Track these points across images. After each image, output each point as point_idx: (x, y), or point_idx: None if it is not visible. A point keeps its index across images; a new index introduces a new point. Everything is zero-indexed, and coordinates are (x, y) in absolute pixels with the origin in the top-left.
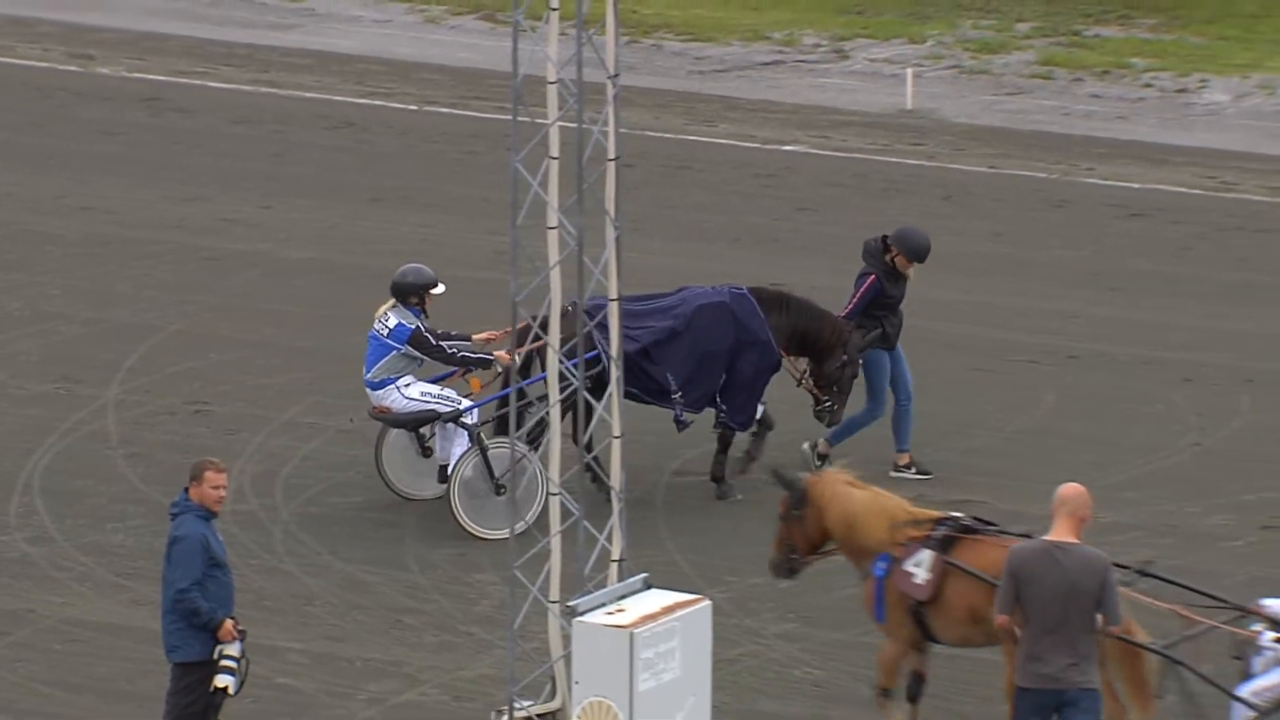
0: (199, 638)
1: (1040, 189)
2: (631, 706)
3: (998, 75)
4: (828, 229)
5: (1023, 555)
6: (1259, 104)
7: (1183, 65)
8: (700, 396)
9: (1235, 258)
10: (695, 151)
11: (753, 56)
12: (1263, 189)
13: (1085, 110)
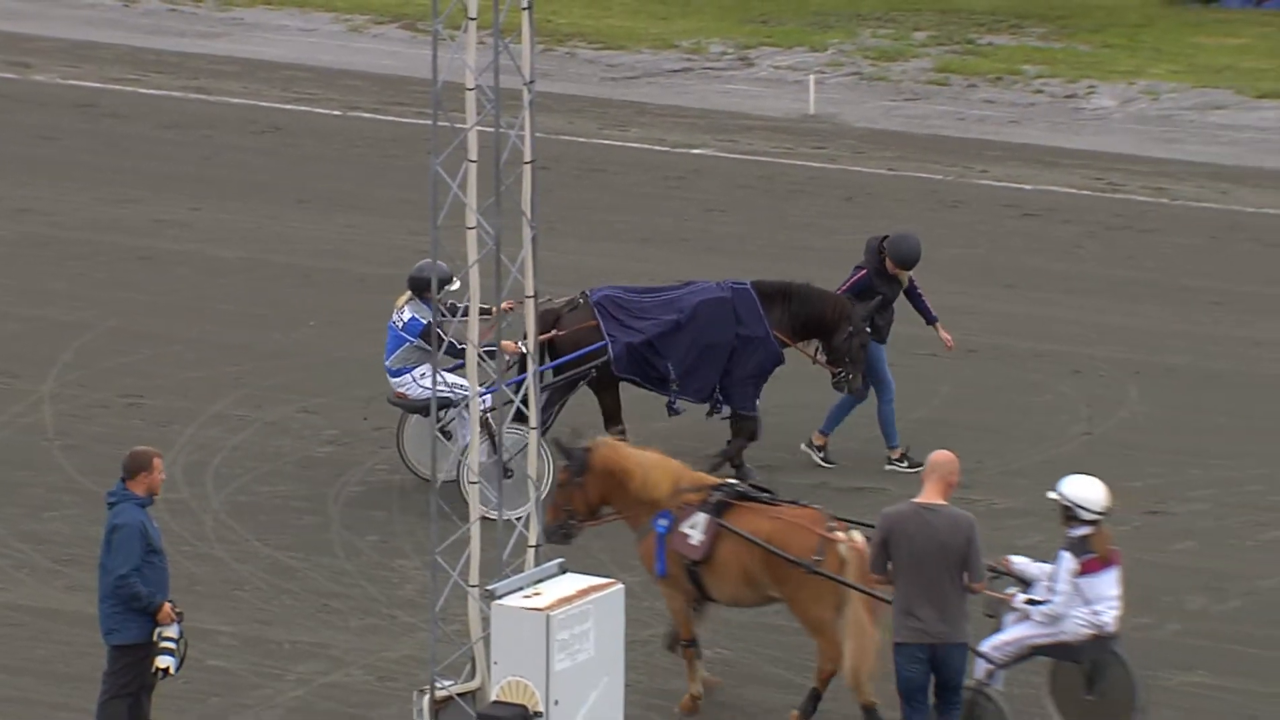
0: (137, 621)
1: (937, 190)
2: (548, 686)
3: (896, 82)
4: (735, 229)
5: (893, 517)
6: (1144, 108)
7: (1071, 72)
8: (700, 387)
9: (1122, 255)
10: (608, 155)
11: (662, 64)
12: (1147, 189)
13: (979, 115)
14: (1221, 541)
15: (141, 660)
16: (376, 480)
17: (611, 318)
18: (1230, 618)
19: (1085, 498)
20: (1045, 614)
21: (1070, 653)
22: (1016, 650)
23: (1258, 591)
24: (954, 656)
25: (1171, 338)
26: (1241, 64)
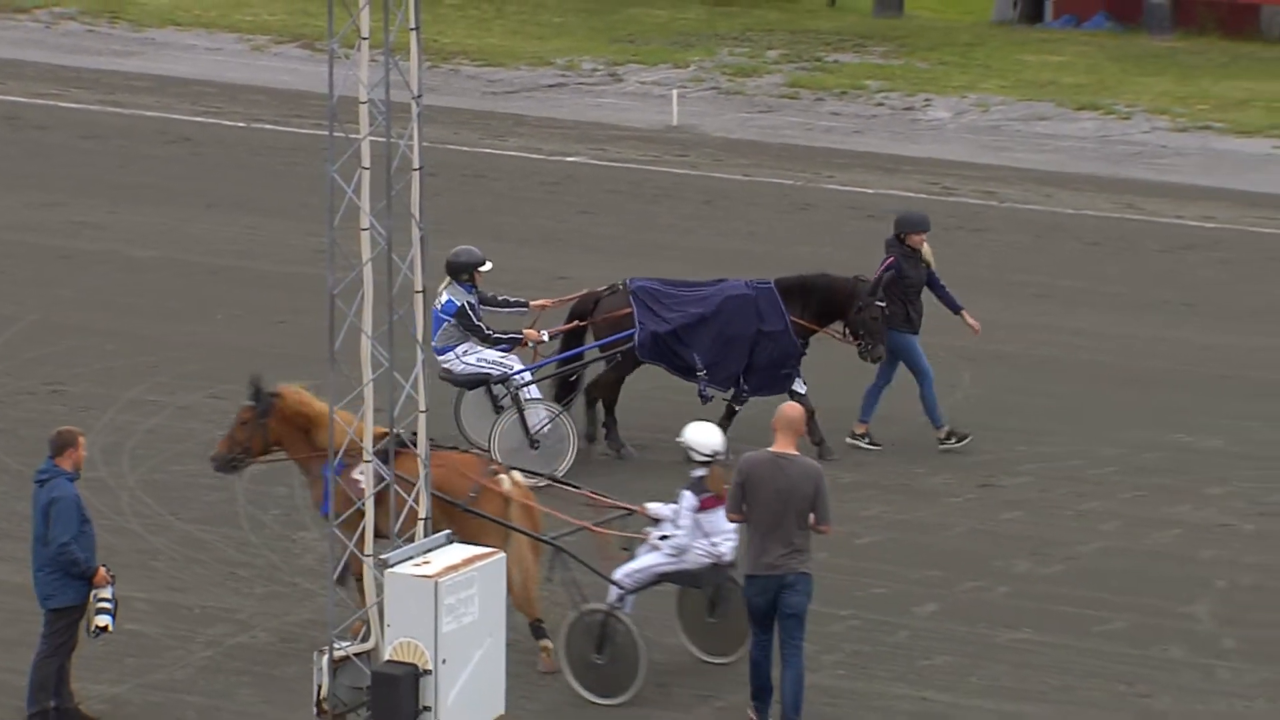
0: (73, 586)
1: (788, 194)
2: (436, 646)
3: (751, 96)
4: (606, 230)
5: (751, 464)
6: (975, 120)
7: (910, 87)
8: (725, 376)
9: (957, 253)
10: (489, 162)
11: (539, 79)
12: (978, 193)
13: (826, 126)
14: (1045, 512)
15: (75, 622)
16: (277, 460)
17: (645, 306)
18: (1053, 580)
19: (699, 442)
20: (672, 546)
21: (693, 579)
22: (645, 578)
23: (1077, 557)
24: (799, 587)
25: (1001, 328)
26: (1063, 79)
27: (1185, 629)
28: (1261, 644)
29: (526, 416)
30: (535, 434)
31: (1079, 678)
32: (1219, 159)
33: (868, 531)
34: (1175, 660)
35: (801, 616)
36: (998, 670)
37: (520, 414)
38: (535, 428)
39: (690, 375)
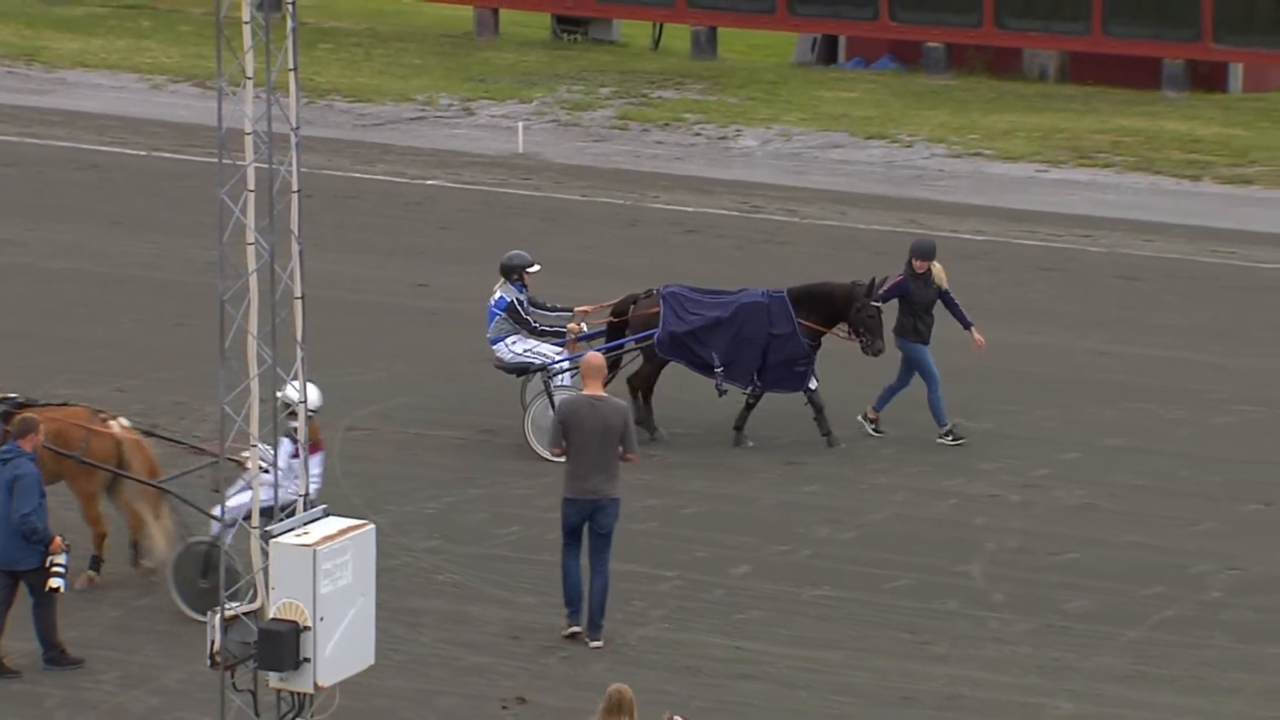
0: (35, 551)
1: (619, 212)
2: (315, 605)
3: (586, 127)
4: (462, 244)
5: (570, 405)
6: (779, 147)
7: (723, 119)
8: (740, 374)
9: (766, 262)
10: (359, 185)
11: (402, 113)
12: (782, 211)
13: (652, 153)
14: (841, 485)
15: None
16: (175, 446)
17: (670, 309)
18: (848, 544)
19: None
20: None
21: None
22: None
23: (868, 524)
24: (609, 509)
25: None
26: (854, 112)
27: (961, 585)
28: (1025, 598)
29: (555, 400)
30: None
31: (872, 628)
32: (988, 181)
33: (690, 504)
34: (952, 612)
35: (610, 535)
36: (802, 622)
37: (549, 397)
38: None
39: (709, 372)
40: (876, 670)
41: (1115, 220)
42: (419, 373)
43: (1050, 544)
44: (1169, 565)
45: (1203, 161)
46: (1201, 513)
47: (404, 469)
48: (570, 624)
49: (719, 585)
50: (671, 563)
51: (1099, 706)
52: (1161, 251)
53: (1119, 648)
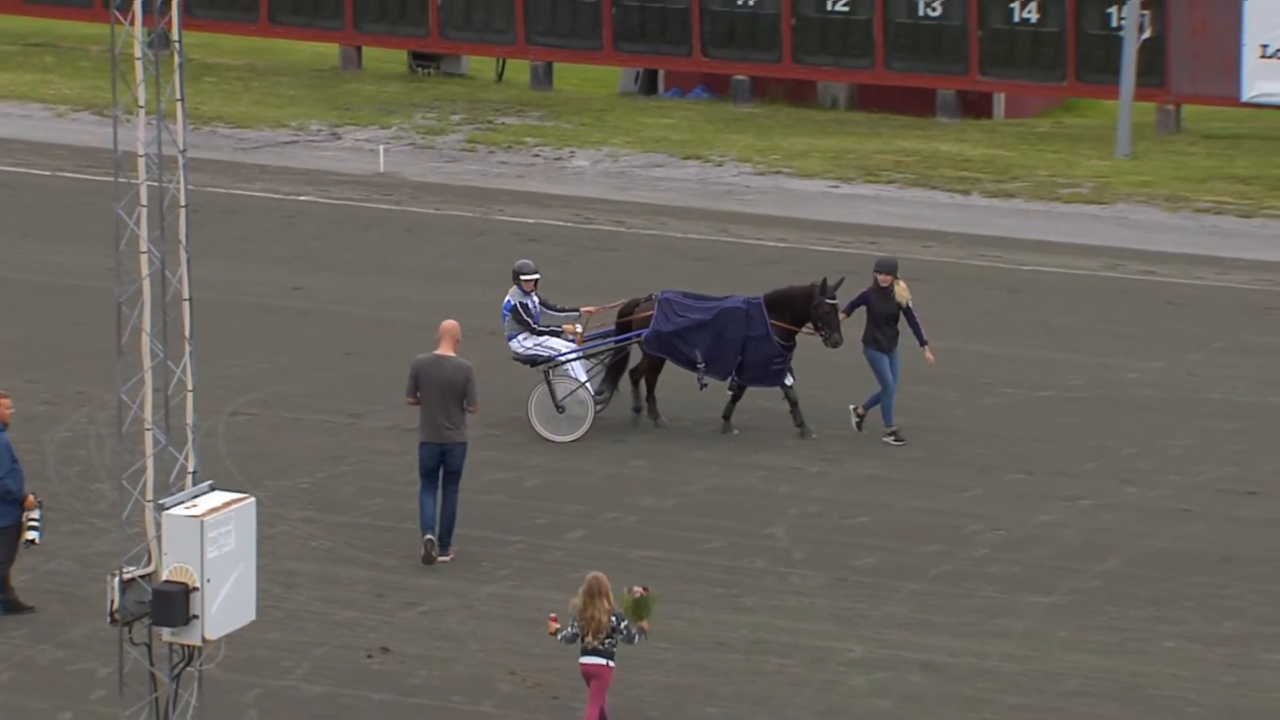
0: (11, 510)
1: (469, 224)
2: (203, 569)
3: (440, 150)
4: (330, 253)
5: (421, 362)
6: (608, 167)
7: (559, 142)
8: (720, 369)
9: (594, 268)
10: (240, 201)
11: (277, 138)
12: (611, 221)
13: (498, 172)
14: (663, 460)
15: (15, 539)
16: (79, 430)
17: (663, 312)
18: (669, 511)
19: None
20: None
21: None
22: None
23: (687, 494)
24: (457, 451)
25: None
26: (672, 136)
27: (767, 546)
28: (822, 556)
29: (555, 388)
30: (560, 402)
31: (689, 583)
32: (788, 195)
33: (531, 477)
34: (759, 569)
35: (458, 472)
36: (629, 579)
37: (549, 386)
38: (561, 397)
39: (692, 367)
40: (693, 619)
41: (898, 229)
42: (293, 364)
43: (844, 509)
44: (945, 526)
45: (972, 178)
46: (972, 481)
47: (281, 448)
48: (425, 535)
49: (557, 548)
50: (515, 528)
51: (885, 649)
52: (938, 256)
53: (902, 598)
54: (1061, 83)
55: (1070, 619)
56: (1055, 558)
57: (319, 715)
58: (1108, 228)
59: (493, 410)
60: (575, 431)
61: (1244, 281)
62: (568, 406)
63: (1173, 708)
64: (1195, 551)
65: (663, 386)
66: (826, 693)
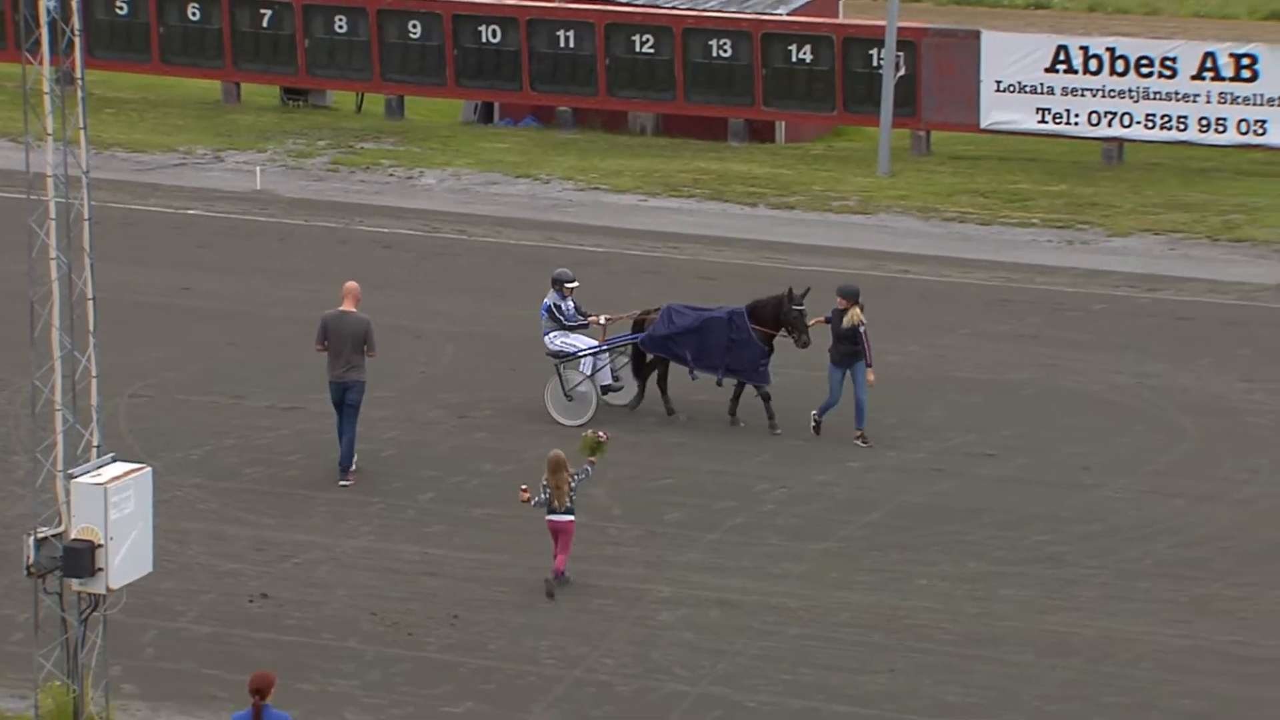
0: None
1: (334, 234)
2: (106, 528)
3: (308, 170)
4: (216, 258)
5: (328, 317)
6: (452, 184)
7: (410, 163)
8: (708, 367)
9: (440, 270)
10: (136, 215)
11: (168, 161)
12: (455, 231)
13: (358, 189)
14: (502, 432)
15: None
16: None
17: (664, 319)
18: (508, 475)
19: None
20: None
21: None
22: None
23: (523, 460)
24: (357, 389)
25: (484, 316)
26: (506, 158)
27: (588, 503)
28: (635, 512)
29: (564, 378)
30: (569, 390)
31: (525, 536)
32: (604, 208)
33: (386, 449)
34: (583, 524)
35: (356, 407)
36: (474, 533)
37: (560, 377)
38: (569, 386)
39: (685, 363)
40: (530, 567)
41: (696, 236)
42: (183, 353)
43: (654, 472)
44: (738, 485)
45: (759, 193)
46: (763, 448)
47: (173, 425)
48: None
49: (411, 507)
50: (375, 491)
51: (688, 590)
52: (730, 259)
53: (703, 546)
54: (832, 113)
55: (841, 562)
56: (829, 511)
57: (208, 652)
58: (871, 234)
59: None
60: (581, 417)
61: (983, 279)
62: (576, 395)
63: (926, 634)
64: (945, 505)
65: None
66: (639, 626)
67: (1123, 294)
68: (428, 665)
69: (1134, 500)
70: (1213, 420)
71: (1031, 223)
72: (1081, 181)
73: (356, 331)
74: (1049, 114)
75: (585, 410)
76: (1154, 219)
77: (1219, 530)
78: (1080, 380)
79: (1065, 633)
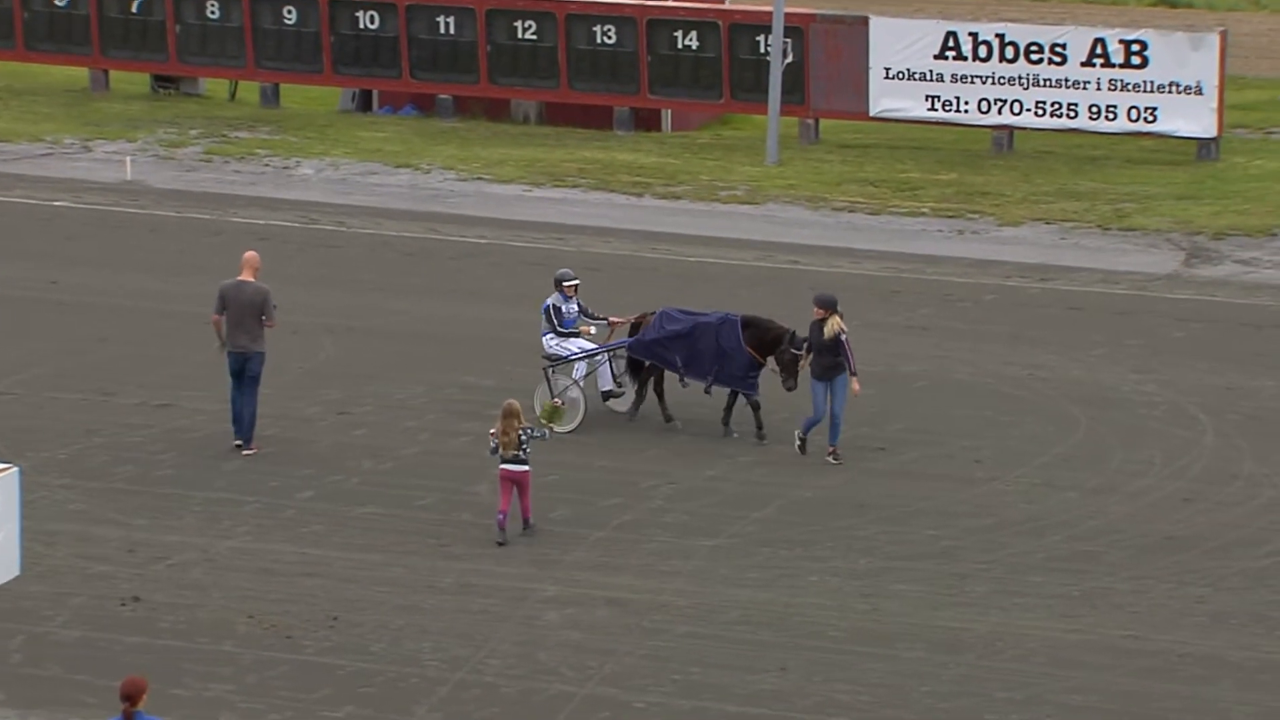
0: None
1: (206, 225)
2: None
3: (180, 160)
4: (84, 251)
5: (225, 286)
6: (330, 175)
7: (286, 153)
8: (697, 373)
9: (317, 262)
10: (2, 208)
11: (34, 151)
12: (333, 222)
13: (232, 180)
14: (380, 429)
15: None
16: None
17: (656, 323)
18: (387, 473)
19: None
20: None
21: None
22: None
23: (402, 458)
24: (256, 359)
25: (353, 309)
26: (386, 148)
27: (473, 501)
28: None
29: (553, 383)
30: (556, 396)
31: (406, 536)
32: (488, 198)
33: (265, 446)
34: (466, 521)
35: (256, 378)
36: (352, 533)
37: (548, 382)
38: (558, 391)
39: (675, 369)
40: (409, 567)
41: (581, 227)
42: (52, 349)
43: (539, 468)
44: (625, 482)
45: (645, 182)
46: (651, 443)
47: (41, 424)
48: (235, 440)
49: (289, 506)
50: (252, 490)
51: (575, 588)
52: (616, 250)
53: (590, 544)
54: (719, 100)
55: (731, 559)
56: (719, 506)
57: (77, 657)
58: (759, 224)
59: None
60: (570, 424)
61: (873, 269)
62: (565, 399)
63: (816, 631)
64: (836, 499)
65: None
66: (525, 626)
67: (1014, 284)
68: (307, 668)
69: (1025, 493)
70: (1105, 412)
71: (921, 212)
72: (972, 170)
73: (255, 301)
74: (938, 101)
75: (574, 417)
76: (1045, 208)
77: (1111, 523)
78: (972, 372)
79: (957, 628)
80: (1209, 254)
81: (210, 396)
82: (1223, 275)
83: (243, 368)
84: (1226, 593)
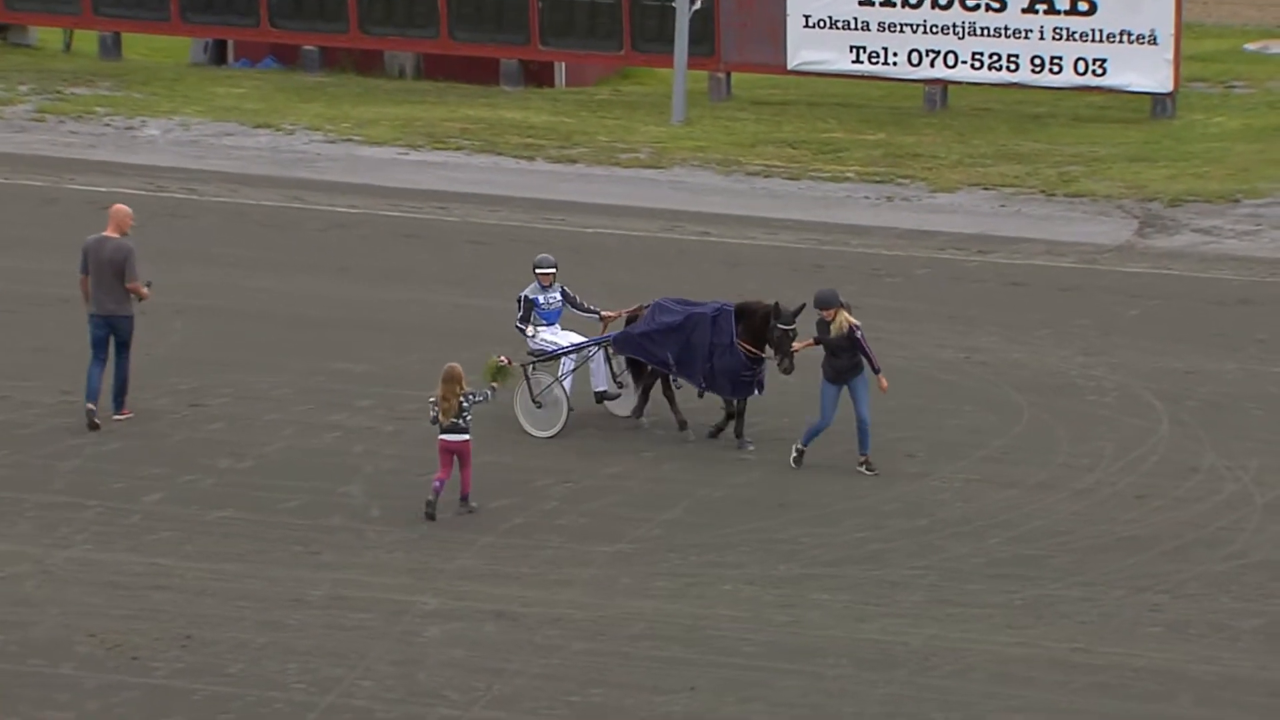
0: None
1: (39, 193)
2: None
3: (9, 120)
4: None
5: (88, 242)
6: (179, 136)
7: (129, 111)
8: (689, 372)
9: (166, 233)
10: None
11: None
12: (183, 189)
13: (67, 142)
14: (239, 422)
15: None
16: None
17: (650, 315)
18: (247, 472)
19: None
20: None
21: None
22: None
23: (265, 455)
24: (123, 324)
25: (206, 287)
26: (244, 105)
27: (344, 503)
28: (398, 512)
29: (532, 381)
30: (536, 396)
31: (268, 543)
32: (359, 162)
33: (110, 442)
34: (336, 526)
35: (126, 344)
36: (207, 540)
37: (527, 381)
38: (538, 391)
39: (666, 367)
40: (272, 578)
41: (466, 194)
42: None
43: (419, 466)
44: (516, 480)
45: (536, 145)
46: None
47: None
48: (87, 404)
49: (135, 511)
50: (93, 493)
51: (459, 601)
52: (504, 220)
53: (475, 551)
54: (618, 52)
55: (635, 566)
56: (621, 508)
57: None
58: (665, 191)
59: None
60: (552, 426)
61: (792, 241)
62: (544, 401)
63: (730, 647)
64: (752, 499)
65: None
66: (403, 644)
67: (948, 257)
68: (156, 693)
69: (963, 491)
70: (1050, 399)
71: (846, 177)
72: (901, 130)
73: (115, 259)
74: (864, 53)
75: (557, 418)
76: (982, 172)
77: (1057, 523)
78: (903, 355)
79: (887, 642)
80: (1165, 222)
81: (45, 388)
82: (1180, 246)
83: (108, 334)
84: (1185, 600)
